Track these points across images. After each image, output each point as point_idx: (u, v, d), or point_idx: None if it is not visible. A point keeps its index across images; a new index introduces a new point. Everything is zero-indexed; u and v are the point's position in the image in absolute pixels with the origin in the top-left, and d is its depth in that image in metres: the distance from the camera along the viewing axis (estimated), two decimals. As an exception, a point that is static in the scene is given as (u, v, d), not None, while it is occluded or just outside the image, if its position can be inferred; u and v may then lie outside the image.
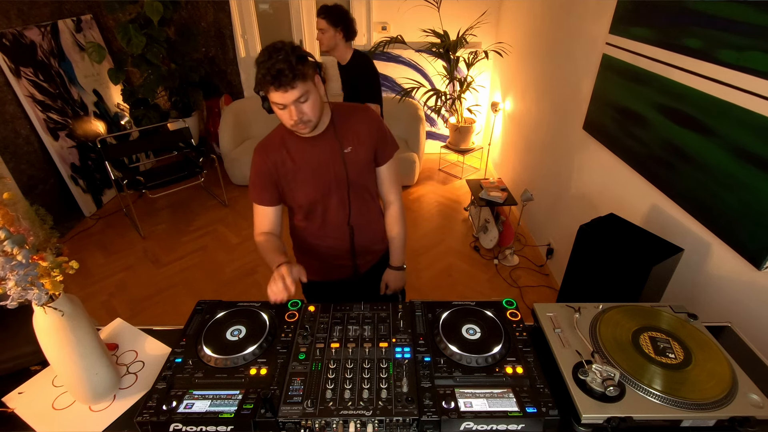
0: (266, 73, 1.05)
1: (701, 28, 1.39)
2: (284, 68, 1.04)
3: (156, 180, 3.26)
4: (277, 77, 1.05)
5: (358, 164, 1.30)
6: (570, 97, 2.44)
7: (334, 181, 1.29)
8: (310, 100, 1.13)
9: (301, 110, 1.13)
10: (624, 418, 0.80)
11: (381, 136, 1.33)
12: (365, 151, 1.31)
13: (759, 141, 1.20)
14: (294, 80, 1.06)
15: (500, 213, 3.13)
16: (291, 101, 1.09)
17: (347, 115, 1.30)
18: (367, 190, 1.38)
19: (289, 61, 1.05)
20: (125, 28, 3.36)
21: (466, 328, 0.99)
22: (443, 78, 3.98)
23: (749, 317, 1.29)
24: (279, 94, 1.08)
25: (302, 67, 1.08)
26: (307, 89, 1.11)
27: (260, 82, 1.08)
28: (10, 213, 0.75)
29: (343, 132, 1.28)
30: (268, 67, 1.05)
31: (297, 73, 1.06)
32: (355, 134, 1.29)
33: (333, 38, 2.37)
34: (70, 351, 0.85)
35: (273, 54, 1.06)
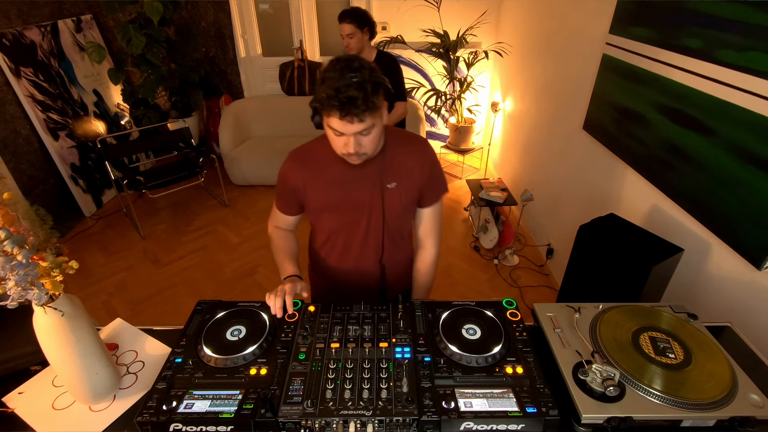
0: (333, 96, 0.90)
1: (701, 28, 1.39)
2: (357, 97, 0.90)
3: (156, 180, 3.26)
4: (346, 106, 0.90)
5: (398, 203, 1.16)
6: (570, 97, 2.44)
7: (367, 216, 1.16)
8: (372, 133, 0.99)
9: (360, 143, 0.99)
10: (624, 418, 0.80)
11: (432, 175, 1.17)
12: (410, 189, 1.16)
13: (759, 141, 1.20)
14: (364, 112, 0.92)
15: (500, 213, 3.13)
16: (353, 132, 0.96)
17: (400, 146, 1.14)
18: (404, 229, 1.26)
19: (364, 88, 0.90)
20: (125, 28, 3.36)
21: (466, 328, 0.99)
22: (443, 78, 3.98)
23: (749, 317, 1.29)
24: (342, 123, 0.94)
25: (377, 98, 0.94)
26: (374, 122, 0.97)
27: (323, 101, 0.93)
28: (10, 213, 0.75)
29: (391, 164, 1.12)
30: (338, 88, 0.89)
31: (370, 104, 0.92)
32: (404, 169, 1.13)
33: (361, 41, 2.36)
34: (70, 351, 0.85)
35: (346, 73, 0.90)
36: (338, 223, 1.20)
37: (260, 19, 4.19)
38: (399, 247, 1.28)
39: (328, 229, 1.23)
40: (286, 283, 1.07)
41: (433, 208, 1.23)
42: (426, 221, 1.25)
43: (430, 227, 1.26)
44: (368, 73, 0.92)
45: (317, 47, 4.27)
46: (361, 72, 0.91)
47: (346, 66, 0.91)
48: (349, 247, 1.23)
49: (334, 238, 1.24)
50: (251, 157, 3.87)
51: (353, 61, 0.92)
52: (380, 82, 0.95)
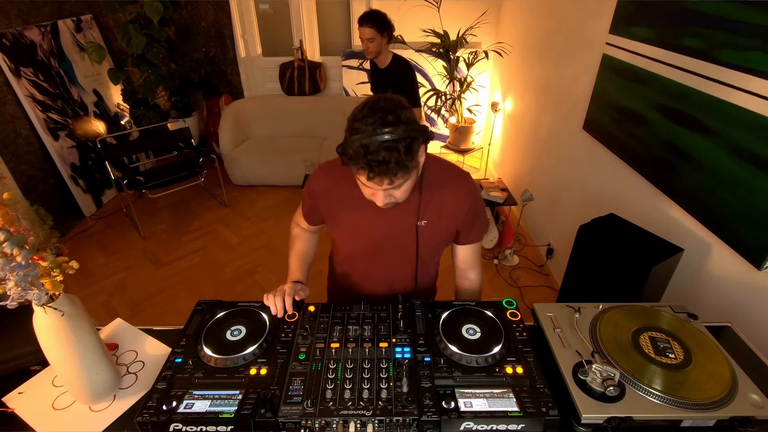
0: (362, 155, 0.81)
1: (701, 28, 1.39)
2: (389, 161, 0.81)
3: (156, 180, 3.26)
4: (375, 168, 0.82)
5: (432, 241, 1.11)
6: (570, 97, 2.44)
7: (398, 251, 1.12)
8: (405, 186, 0.91)
9: (391, 194, 0.92)
10: (624, 418, 0.80)
11: (470, 216, 1.10)
12: (446, 227, 1.10)
13: (759, 141, 1.20)
14: (396, 175, 0.84)
15: (500, 213, 3.13)
16: (382, 188, 0.89)
17: (439, 179, 1.06)
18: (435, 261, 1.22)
19: (397, 149, 0.80)
20: (125, 28, 3.36)
21: (466, 328, 0.99)
22: (443, 78, 3.98)
23: (749, 317, 1.29)
24: (372, 183, 0.87)
25: (411, 158, 0.83)
26: (408, 178, 0.88)
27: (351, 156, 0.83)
28: (10, 213, 0.75)
29: (428, 201, 1.05)
30: (368, 146, 0.80)
31: (402, 167, 0.83)
32: (440, 207, 1.06)
33: (380, 45, 2.36)
34: (70, 351, 0.85)
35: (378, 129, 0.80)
36: (360, 248, 1.15)
37: (260, 19, 4.19)
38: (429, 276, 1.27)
39: (348, 250, 1.20)
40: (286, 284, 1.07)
41: (474, 247, 1.18)
42: (465, 256, 1.20)
43: (471, 261, 1.21)
44: (403, 129, 0.81)
45: (317, 47, 4.27)
46: (395, 128, 0.80)
47: (380, 121, 0.81)
48: (371, 272, 1.19)
49: (353, 260, 1.20)
50: (251, 157, 3.87)
51: (387, 115, 0.82)
52: (416, 138, 0.84)
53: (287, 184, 3.91)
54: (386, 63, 2.50)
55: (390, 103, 0.85)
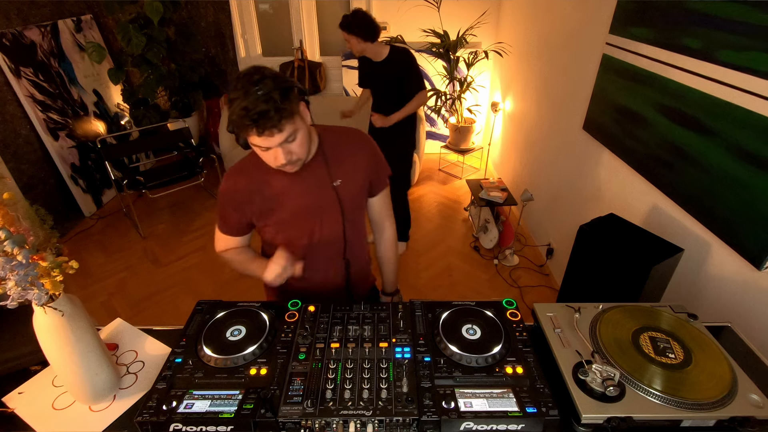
0: (244, 116, 0.87)
1: (701, 28, 1.39)
2: (268, 110, 0.87)
3: (156, 180, 3.26)
4: (259, 121, 0.88)
5: (351, 197, 1.17)
6: (570, 97, 2.44)
7: (325, 216, 1.16)
8: (298, 138, 0.97)
9: (289, 150, 0.97)
10: (624, 418, 0.80)
11: (375, 163, 1.19)
12: (359, 181, 1.17)
13: (759, 141, 1.20)
14: (280, 122, 0.90)
15: (500, 213, 3.13)
16: (277, 144, 0.94)
17: (337, 142, 1.15)
18: (361, 221, 1.27)
19: (272, 98, 0.87)
20: (125, 28, 3.36)
21: (466, 328, 0.99)
22: (443, 78, 3.98)
23: (749, 317, 1.29)
24: (263, 138, 0.92)
25: (288, 103, 0.91)
26: (295, 127, 0.94)
27: (237, 124, 0.90)
28: (10, 213, 0.75)
29: (333, 161, 1.12)
30: (246, 107, 0.87)
31: (284, 113, 0.89)
32: (347, 163, 1.14)
33: (359, 44, 2.44)
34: (70, 351, 0.85)
35: (250, 89, 0.87)
36: (294, 232, 1.18)
37: (260, 19, 4.19)
38: (358, 239, 1.28)
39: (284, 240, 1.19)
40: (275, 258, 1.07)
41: (384, 193, 1.26)
42: (379, 207, 1.28)
43: (386, 211, 1.30)
44: (272, 82, 0.89)
45: (317, 47, 4.27)
46: (263, 83, 0.88)
47: (248, 80, 0.88)
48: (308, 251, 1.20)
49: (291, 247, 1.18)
50: (251, 157, 3.86)
51: (253, 74, 0.89)
52: (287, 86, 0.91)
53: (287, 184, 3.90)
54: (382, 56, 2.51)
55: (252, 69, 0.92)
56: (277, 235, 1.20)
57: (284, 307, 1.07)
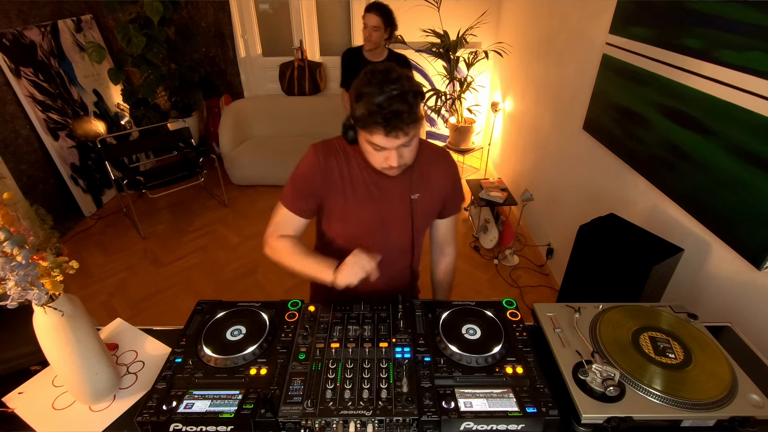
0: (376, 112, 0.85)
1: (701, 28, 1.39)
2: (403, 111, 0.85)
3: (156, 180, 3.26)
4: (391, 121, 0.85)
5: (424, 213, 1.17)
6: (570, 97, 2.44)
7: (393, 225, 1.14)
8: (413, 143, 0.95)
9: (402, 154, 0.94)
10: (624, 418, 0.80)
11: (454, 187, 1.18)
12: (434, 201, 1.16)
13: (759, 141, 1.20)
14: (409, 125, 0.88)
15: (500, 213, 3.13)
16: (397, 146, 0.92)
17: (425, 156, 1.12)
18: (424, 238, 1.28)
19: (407, 100, 0.85)
20: (125, 28, 3.36)
21: (466, 328, 0.99)
22: (443, 78, 3.98)
23: (749, 317, 1.29)
24: (388, 139, 0.89)
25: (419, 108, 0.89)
26: (416, 132, 0.93)
27: (365, 119, 0.87)
28: (10, 213, 0.75)
29: (419, 175, 1.10)
30: (380, 103, 0.84)
31: (414, 116, 0.87)
32: (429, 181, 1.12)
33: (381, 37, 2.37)
34: (70, 351, 0.85)
35: (386, 87, 0.85)
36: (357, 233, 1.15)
37: (260, 19, 4.19)
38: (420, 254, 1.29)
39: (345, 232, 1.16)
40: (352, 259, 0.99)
41: (453, 218, 1.25)
42: (445, 230, 1.27)
43: (451, 235, 1.29)
44: (407, 82, 0.87)
45: (317, 47, 4.27)
46: (401, 82, 0.86)
47: (385, 79, 0.86)
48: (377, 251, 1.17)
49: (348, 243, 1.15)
50: (251, 157, 3.87)
51: (390, 72, 0.87)
52: (420, 90, 0.91)
53: (287, 184, 3.91)
54: (380, 58, 2.51)
55: (386, 65, 0.90)
56: (342, 233, 1.16)
57: (284, 307, 1.07)
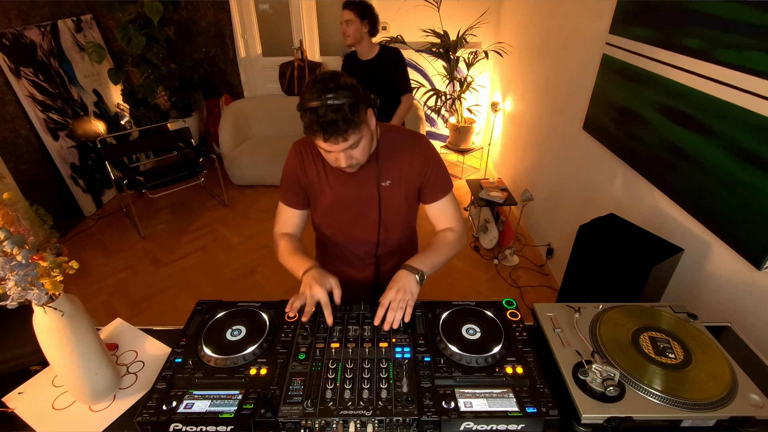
0: (314, 120, 0.93)
1: (701, 28, 1.39)
2: (337, 119, 0.92)
3: (156, 180, 3.26)
4: (327, 129, 0.93)
5: (393, 200, 1.19)
6: (570, 97, 2.44)
7: (363, 212, 1.20)
8: (361, 144, 1.02)
9: (351, 155, 1.02)
10: (624, 418, 0.80)
11: (430, 170, 1.18)
12: (405, 188, 1.18)
13: (759, 141, 1.20)
14: (347, 132, 0.94)
15: (500, 213, 3.13)
16: (340, 150, 0.99)
17: (396, 144, 1.16)
18: (404, 226, 1.28)
19: (342, 110, 0.92)
20: (125, 28, 3.36)
21: (466, 328, 0.99)
22: (443, 78, 3.98)
23: (749, 317, 1.29)
24: (328, 144, 0.97)
25: (357, 115, 0.95)
26: (360, 136, 0.99)
27: (306, 124, 0.96)
28: (10, 213, 0.75)
29: (386, 162, 1.15)
30: (317, 113, 0.92)
31: (351, 124, 0.94)
32: (400, 168, 1.16)
33: (359, 30, 2.40)
34: (70, 351, 0.85)
35: (323, 95, 0.91)
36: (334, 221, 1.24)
37: (260, 19, 4.19)
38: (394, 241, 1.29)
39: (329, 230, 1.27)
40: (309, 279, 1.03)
41: (442, 203, 1.22)
42: (438, 214, 1.24)
43: (448, 218, 1.24)
44: (345, 93, 0.92)
45: (317, 47, 4.27)
46: (337, 93, 0.91)
47: (323, 88, 0.92)
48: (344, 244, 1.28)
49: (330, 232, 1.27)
50: (251, 157, 3.87)
51: (329, 82, 0.93)
52: (358, 101, 0.95)
53: (287, 184, 3.91)
54: (371, 55, 2.51)
55: (329, 74, 0.96)
56: (323, 222, 1.26)
57: (284, 307, 1.07)
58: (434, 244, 1.20)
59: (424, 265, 1.10)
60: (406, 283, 1.05)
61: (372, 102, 1.02)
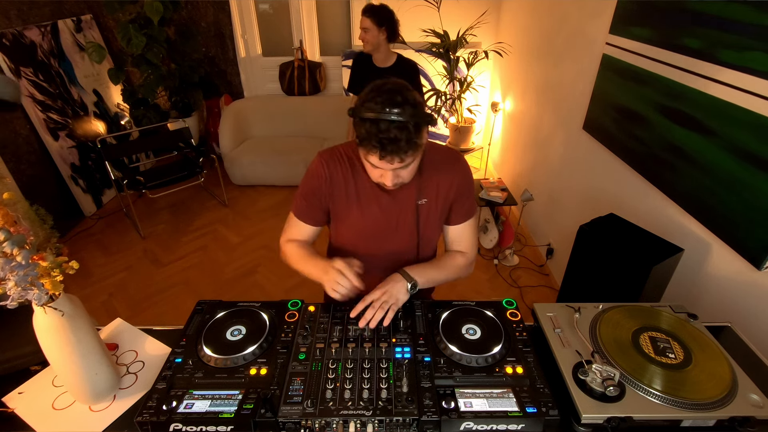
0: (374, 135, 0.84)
1: (701, 28, 1.39)
2: (400, 139, 0.84)
3: (156, 180, 3.26)
4: (387, 147, 0.85)
5: (430, 218, 1.14)
6: (570, 97, 2.44)
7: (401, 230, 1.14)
8: (412, 166, 0.95)
9: (398, 175, 0.95)
10: (624, 418, 0.80)
11: (461, 192, 1.13)
12: (441, 207, 1.14)
13: (759, 141, 1.20)
14: (407, 153, 0.87)
15: (500, 213, 3.13)
16: (392, 169, 0.93)
17: (433, 160, 1.10)
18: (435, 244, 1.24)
19: (407, 128, 0.84)
20: (125, 28, 3.36)
21: (466, 328, 0.99)
22: (443, 78, 3.98)
23: (749, 317, 1.29)
24: (382, 162, 0.90)
25: (419, 137, 0.88)
26: (415, 158, 0.92)
27: (362, 138, 0.87)
28: (10, 213, 0.75)
29: (424, 179, 1.08)
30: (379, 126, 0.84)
31: (413, 145, 0.86)
32: (438, 186, 1.11)
33: (376, 38, 2.38)
34: (70, 351, 0.85)
35: (389, 107, 0.83)
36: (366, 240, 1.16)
37: (260, 19, 4.19)
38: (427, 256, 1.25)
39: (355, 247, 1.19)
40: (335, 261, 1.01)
41: (463, 227, 1.18)
42: (452, 237, 1.20)
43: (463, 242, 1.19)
44: (411, 110, 0.85)
45: (317, 47, 4.27)
46: (404, 108, 0.84)
47: (389, 100, 0.84)
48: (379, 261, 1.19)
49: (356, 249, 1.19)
50: (251, 157, 3.87)
51: (396, 95, 0.85)
52: (424, 120, 0.88)
53: (287, 184, 3.91)
54: (389, 63, 2.49)
55: (397, 85, 0.88)
56: (350, 239, 1.18)
57: (284, 307, 1.07)
58: (440, 261, 1.18)
59: (421, 276, 1.08)
60: (394, 287, 1.04)
61: (432, 120, 0.94)
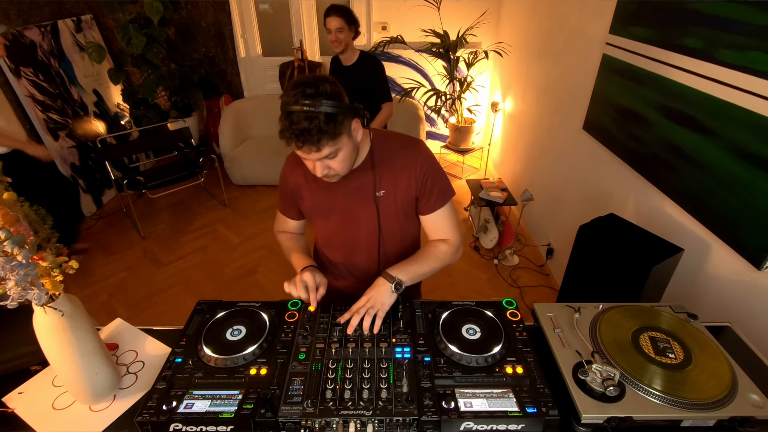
0: (288, 126, 0.88)
1: (701, 28, 1.39)
2: (310, 128, 0.87)
3: (156, 180, 3.26)
4: (300, 137, 0.88)
5: (391, 210, 1.13)
6: (570, 97, 2.44)
7: (362, 224, 1.15)
8: (339, 156, 0.96)
9: (328, 166, 0.98)
10: (624, 418, 0.80)
11: (426, 179, 1.11)
12: (402, 196, 1.12)
13: (759, 141, 1.20)
14: (320, 142, 0.89)
15: (500, 213, 3.13)
16: (314, 159, 0.96)
17: (389, 150, 1.10)
18: (400, 239, 1.22)
19: (316, 118, 0.87)
20: (125, 28, 3.36)
21: (466, 328, 0.99)
22: (443, 78, 3.98)
23: (749, 317, 1.29)
24: (302, 152, 0.94)
25: (333, 126, 0.89)
26: (336, 147, 0.94)
27: (281, 131, 0.91)
28: (10, 213, 0.75)
29: (380, 170, 1.09)
30: (292, 118, 0.87)
31: (324, 135, 0.89)
32: (396, 177, 1.10)
33: (349, 37, 2.38)
34: (70, 351, 0.85)
35: (300, 98, 0.87)
36: (333, 228, 1.22)
37: (260, 19, 4.19)
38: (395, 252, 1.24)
39: (325, 233, 1.26)
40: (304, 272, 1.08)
41: (439, 214, 1.16)
42: (433, 226, 1.18)
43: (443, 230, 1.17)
44: (323, 101, 0.87)
45: (317, 47, 4.27)
46: (314, 100, 0.87)
47: (301, 92, 0.88)
48: (347, 251, 1.25)
49: (331, 241, 1.27)
50: (251, 157, 3.87)
51: (308, 87, 0.88)
52: (337, 111, 0.89)
53: (287, 184, 3.91)
54: (352, 60, 2.49)
55: (311, 79, 0.91)
56: (322, 233, 1.26)
57: (284, 307, 1.07)
58: (421, 253, 1.16)
59: (404, 274, 1.07)
60: (378, 292, 1.03)
61: (359, 112, 0.97)
